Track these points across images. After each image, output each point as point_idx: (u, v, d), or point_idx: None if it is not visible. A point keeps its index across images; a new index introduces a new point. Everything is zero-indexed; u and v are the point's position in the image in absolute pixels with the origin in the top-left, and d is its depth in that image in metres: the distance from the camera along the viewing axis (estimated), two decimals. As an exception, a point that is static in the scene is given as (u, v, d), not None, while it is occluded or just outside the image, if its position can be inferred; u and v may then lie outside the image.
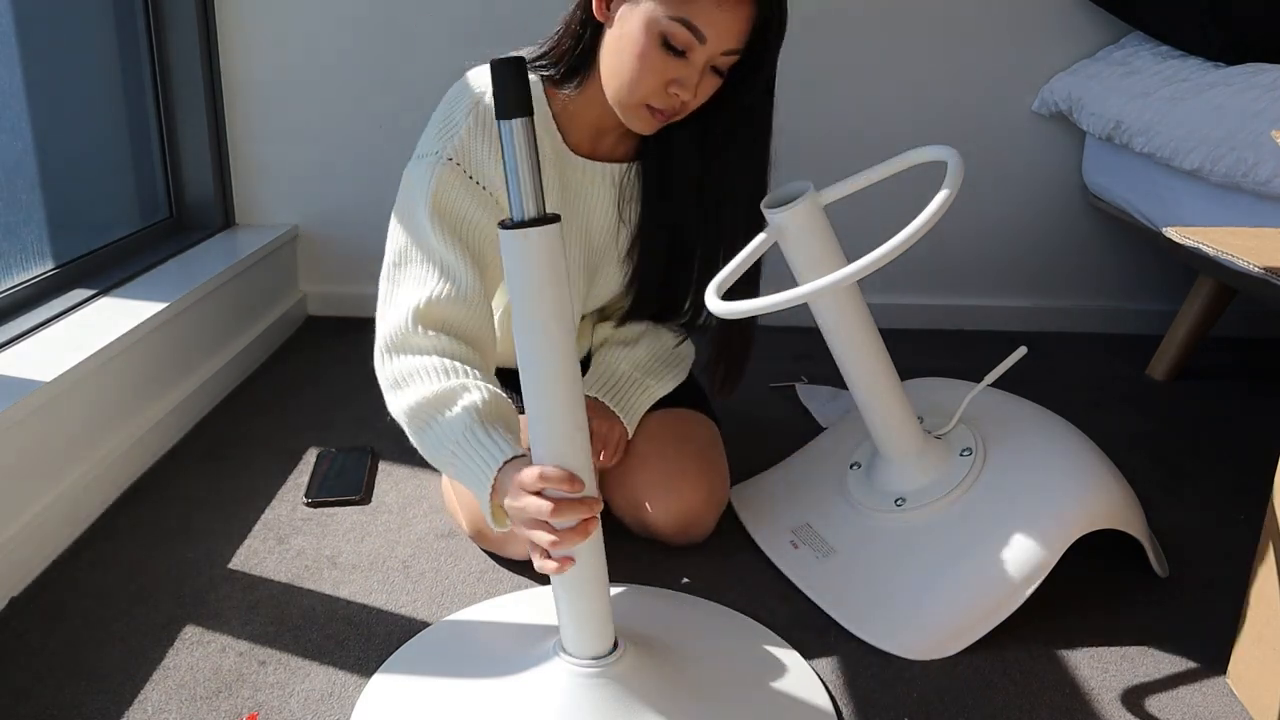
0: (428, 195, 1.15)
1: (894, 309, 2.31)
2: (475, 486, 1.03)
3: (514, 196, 0.91)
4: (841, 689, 1.07)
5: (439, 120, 1.18)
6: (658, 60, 1.08)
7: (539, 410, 0.93)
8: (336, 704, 1.03)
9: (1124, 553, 1.33)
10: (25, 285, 1.59)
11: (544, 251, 0.90)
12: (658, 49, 1.08)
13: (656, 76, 1.09)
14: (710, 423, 1.41)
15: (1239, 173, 1.48)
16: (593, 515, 0.94)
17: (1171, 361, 1.99)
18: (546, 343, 0.91)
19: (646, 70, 1.09)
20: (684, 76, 1.09)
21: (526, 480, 0.94)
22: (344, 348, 2.08)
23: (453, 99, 1.19)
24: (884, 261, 0.95)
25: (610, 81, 1.13)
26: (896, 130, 2.19)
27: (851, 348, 1.21)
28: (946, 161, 1.03)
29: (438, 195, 1.14)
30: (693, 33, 1.06)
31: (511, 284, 0.92)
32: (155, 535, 1.34)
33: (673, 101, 1.11)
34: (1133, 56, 1.97)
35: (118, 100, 1.94)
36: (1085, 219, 2.25)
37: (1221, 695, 1.08)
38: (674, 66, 1.09)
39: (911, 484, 1.26)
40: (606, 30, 1.13)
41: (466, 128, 1.15)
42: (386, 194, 2.21)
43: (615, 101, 1.14)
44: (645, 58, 1.08)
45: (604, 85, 1.15)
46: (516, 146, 0.90)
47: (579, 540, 0.93)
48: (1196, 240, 1.13)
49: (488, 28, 2.11)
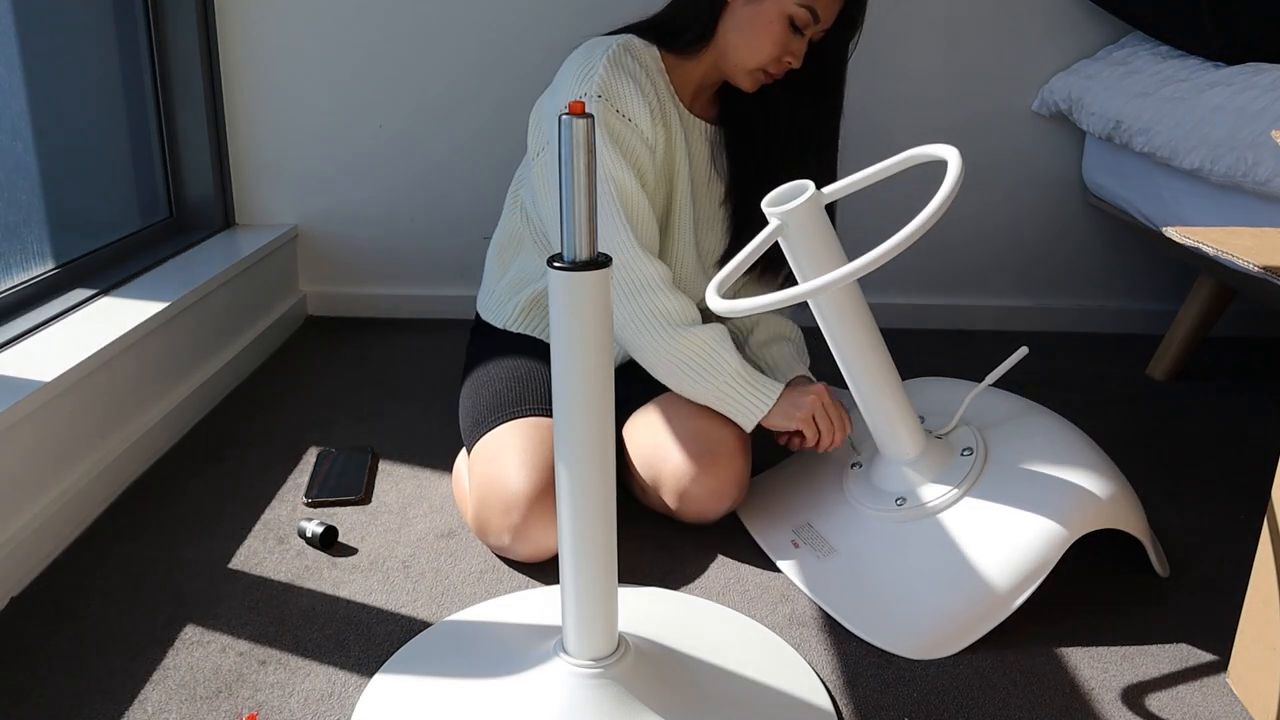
0: (600, 132, 1.27)
1: (894, 309, 2.31)
2: (749, 411, 1.30)
3: (567, 237, 0.88)
4: (841, 689, 1.07)
5: (575, 71, 1.31)
6: (782, 36, 1.30)
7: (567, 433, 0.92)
8: (336, 704, 1.03)
9: (1124, 553, 1.33)
10: (25, 285, 1.59)
11: (598, 291, 0.89)
12: (785, 28, 1.30)
13: (779, 49, 1.31)
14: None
15: (1239, 173, 1.48)
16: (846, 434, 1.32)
17: (1171, 361, 1.99)
18: (583, 387, 0.91)
19: (772, 45, 1.30)
20: (797, 50, 1.32)
21: (822, 390, 1.31)
22: (344, 348, 2.08)
23: (585, 52, 1.33)
24: (884, 260, 0.95)
25: (735, 51, 1.33)
26: (896, 130, 2.19)
27: (852, 347, 1.21)
28: (947, 160, 1.03)
29: (608, 128, 1.28)
30: (813, 15, 1.29)
31: (556, 323, 0.90)
32: (155, 535, 1.34)
33: (784, 68, 1.34)
34: (1133, 56, 1.97)
35: (118, 100, 1.94)
36: (1085, 219, 2.25)
37: (1221, 695, 1.08)
38: (793, 42, 1.31)
39: (912, 484, 1.26)
40: (731, 6, 1.32)
41: (605, 66, 1.29)
42: (386, 194, 2.23)
43: (735, 66, 1.34)
44: (773, 35, 1.30)
45: (724, 52, 1.34)
46: (576, 187, 0.87)
47: (839, 440, 1.32)
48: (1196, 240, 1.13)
49: (488, 28, 2.11)
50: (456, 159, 2.20)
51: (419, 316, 2.31)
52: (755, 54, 1.31)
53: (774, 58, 1.32)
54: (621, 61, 1.31)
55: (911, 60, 2.14)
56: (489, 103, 2.16)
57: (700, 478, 1.31)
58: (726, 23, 1.33)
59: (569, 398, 0.91)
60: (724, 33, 1.33)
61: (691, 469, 1.31)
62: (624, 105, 1.29)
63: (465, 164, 2.20)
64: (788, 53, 1.32)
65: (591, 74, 1.29)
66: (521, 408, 1.33)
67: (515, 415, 1.32)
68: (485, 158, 2.20)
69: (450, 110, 2.16)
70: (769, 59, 1.32)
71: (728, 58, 1.34)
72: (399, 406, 1.79)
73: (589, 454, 0.93)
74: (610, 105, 1.28)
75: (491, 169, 2.20)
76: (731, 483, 1.33)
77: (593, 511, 0.95)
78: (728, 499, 1.34)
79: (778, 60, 1.32)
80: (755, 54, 1.31)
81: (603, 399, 0.92)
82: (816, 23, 1.30)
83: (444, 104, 2.15)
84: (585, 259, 0.88)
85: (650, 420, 1.37)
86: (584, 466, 0.93)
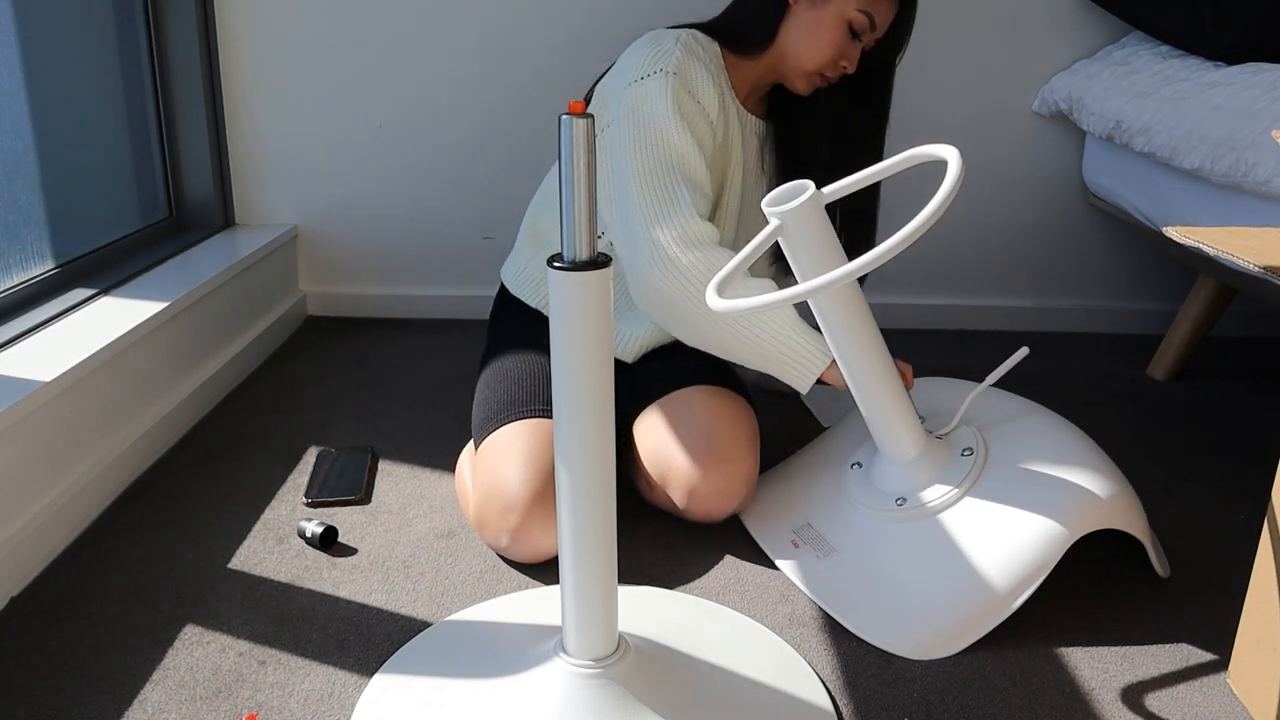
0: (669, 103, 1.30)
1: (894, 309, 2.31)
2: (809, 363, 1.28)
3: (567, 237, 0.87)
4: (841, 689, 1.07)
5: (647, 51, 1.34)
6: (841, 42, 1.35)
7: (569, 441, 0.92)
8: (336, 704, 1.03)
9: (1124, 553, 1.33)
10: (25, 285, 1.59)
11: (599, 291, 0.88)
12: (844, 34, 1.35)
13: (837, 54, 1.36)
14: (750, 411, 1.42)
15: (1239, 173, 1.48)
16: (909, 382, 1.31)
17: (1171, 361, 1.99)
18: (583, 386, 0.91)
19: (831, 49, 1.35)
20: (853, 55, 1.38)
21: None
22: (344, 348, 2.08)
23: (654, 37, 1.36)
24: (885, 259, 0.95)
25: (794, 54, 1.37)
26: (897, 130, 2.18)
27: (852, 347, 1.21)
28: (947, 160, 1.03)
29: (678, 103, 1.31)
30: (870, 22, 1.35)
31: (556, 323, 0.90)
32: (155, 535, 1.34)
33: (839, 72, 1.39)
34: (1133, 56, 1.97)
35: (118, 100, 1.94)
36: (1085, 219, 2.25)
37: (1221, 695, 1.08)
38: (850, 47, 1.37)
39: (912, 484, 1.26)
40: (793, 10, 1.37)
41: (681, 49, 1.34)
42: (387, 194, 2.23)
43: (793, 68, 1.39)
44: (833, 39, 1.35)
45: (784, 54, 1.39)
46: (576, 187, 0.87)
47: (910, 382, 1.32)
48: (1196, 240, 1.13)
49: (488, 28, 2.11)
50: (457, 159, 2.20)
51: (419, 316, 2.31)
52: (814, 57, 1.36)
53: (832, 61, 1.36)
54: (693, 49, 1.35)
55: (912, 60, 2.14)
56: (490, 103, 2.16)
57: (709, 477, 1.31)
58: (787, 26, 1.37)
59: (569, 397, 0.91)
60: (784, 35, 1.38)
61: (700, 468, 1.31)
62: (695, 88, 1.33)
63: (466, 164, 2.20)
64: (844, 57, 1.37)
65: (668, 54, 1.33)
66: (531, 407, 1.33)
67: (523, 415, 1.32)
68: (486, 158, 2.20)
69: (451, 110, 2.16)
70: (827, 63, 1.36)
71: (787, 60, 1.39)
72: (399, 406, 1.79)
73: (589, 454, 0.93)
74: (683, 84, 1.32)
75: (492, 169, 2.20)
76: (740, 482, 1.33)
77: (593, 511, 0.95)
78: (736, 498, 1.34)
79: (834, 64, 1.37)
80: (814, 57, 1.36)
81: (603, 399, 0.92)
82: (873, 30, 1.35)
83: (444, 104, 2.15)
84: (585, 259, 0.88)
85: (659, 419, 1.37)
86: (584, 466, 0.93)
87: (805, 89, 1.41)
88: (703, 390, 1.38)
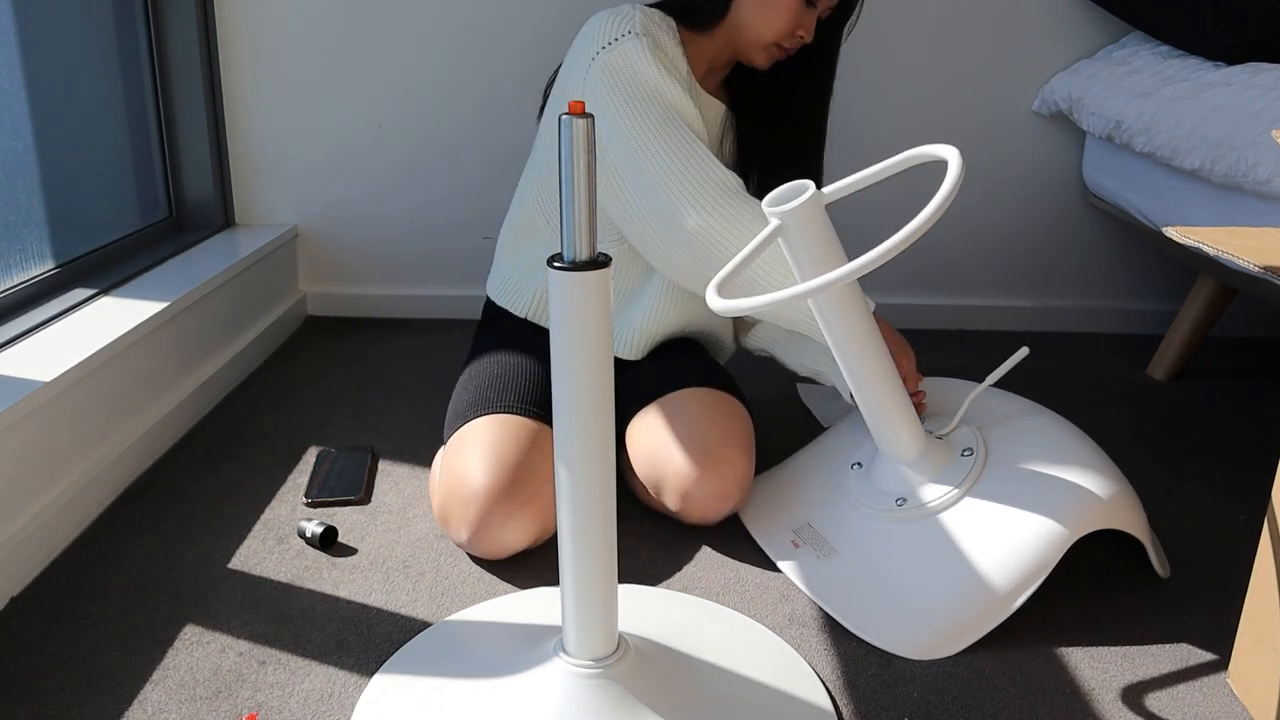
0: (648, 57, 1.28)
1: (894, 309, 2.31)
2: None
3: (567, 236, 0.87)
4: (841, 689, 1.07)
5: (606, 20, 1.31)
6: (797, 10, 1.33)
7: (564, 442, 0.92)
8: (336, 704, 1.03)
9: (1124, 553, 1.33)
10: (25, 285, 1.59)
11: (598, 291, 0.88)
12: (800, 3, 1.32)
13: (793, 23, 1.34)
14: (745, 411, 1.42)
15: (1239, 173, 1.48)
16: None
17: (1171, 361, 1.99)
18: (583, 386, 0.91)
19: (787, 18, 1.33)
20: (809, 23, 1.35)
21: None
22: (344, 348, 2.08)
23: (608, 11, 1.33)
24: (885, 259, 0.95)
25: (750, 25, 1.35)
26: (897, 130, 2.19)
27: (852, 347, 1.21)
28: (947, 160, 1.03)
29: (657, 58, 1.28)
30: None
31: (556, 323, 0.90)
32: (155, 535, 1.34)
33: (796, 42, 1.36)
34: (1133, 56, 1.97)
35: (118, 100, 1.94)
36: (1085, 219, 2.25)
37: (1221, 695, 1.08)
38: (806, 15, 1.34)
39: (912, 484, 1.26)
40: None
41: (642, 15, 1.32)
42: (386, 194, 2.23)
43: (750, 41, 1.36)
44: (788, 8, 1.32)
45: (739, 28, 1.36)
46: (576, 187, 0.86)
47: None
48: (1196, 240, 1.13)
49: (488, 28, 2.11)
50: (457, 159, 2.20)
51: (419, 316, 2.31)
52: (770, 27, 1.34)
53: (788, 31, 1.34)
54: (653, 18, 1.34)
55: (912, 60, 2.14)
56: (489, 102, 2.15)
57: (703, 479, 1.31)
58: (742, 1, 1.35)
59: (569, 398, 0.91)
60: (739, 6, 1.35)
61: (694, 471, 1.31)
62: (659, 50, 1.31)
63: (465, 164, 2.20)
64: (801, 25, 1.34)
65: (630, 19, 1.30)
66: (500, 404, 1.33)
67: (489, 411, 1.32)
68: (485, 158, 2.20)
69: (451, 110, 2.16)
70: (783, 33, 1.34)
71: (742, 34, 1.36)
72: (399, 406, 1.79)
73: (589, 454, 0.93)
74: (655, 45, 1.30)
75: (492, 169, 2.20)
76: (734, 484, 1.33)
77: (593, 511, 0.95)
78: (731, 500, 1.34)
79: (791, 34, 1.35)
80: (770, 27, 1.34)
81: (603, 399, 0.92)
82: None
83: (444, 104, 2.15)
84: (585, 259, 0.88)
85: (652, 422, 1.36)
86: (584, 466, 0.93)
87: (765, 62, 1.38)
88: (695, 392, 1.38)
